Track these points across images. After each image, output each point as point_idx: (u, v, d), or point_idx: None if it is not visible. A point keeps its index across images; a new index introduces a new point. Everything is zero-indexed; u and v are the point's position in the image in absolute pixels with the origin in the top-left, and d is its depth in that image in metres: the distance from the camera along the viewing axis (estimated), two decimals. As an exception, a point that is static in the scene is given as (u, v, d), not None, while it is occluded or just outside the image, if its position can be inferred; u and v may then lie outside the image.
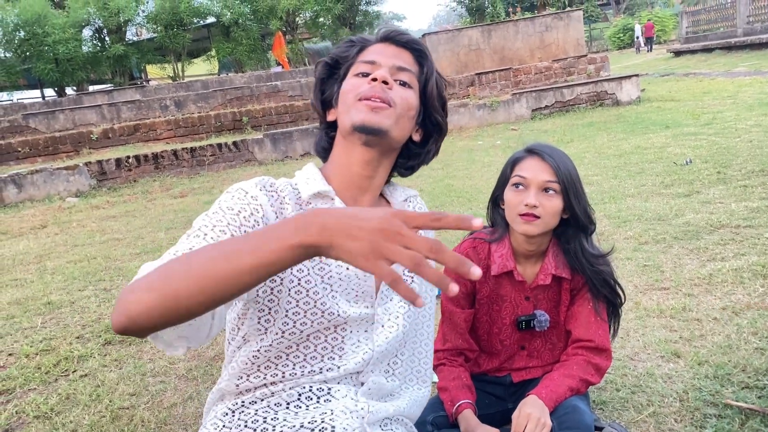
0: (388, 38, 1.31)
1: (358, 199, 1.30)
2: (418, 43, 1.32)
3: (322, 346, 1.23)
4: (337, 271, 1.24)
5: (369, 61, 1.27)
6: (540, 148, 1.73)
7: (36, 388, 2.80)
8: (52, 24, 20.07)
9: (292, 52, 23.69)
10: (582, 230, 1.75)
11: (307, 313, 1.20)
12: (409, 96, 1.26)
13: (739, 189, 4.55)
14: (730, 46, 17.73)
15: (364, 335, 1.27)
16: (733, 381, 2.14)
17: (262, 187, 1.21)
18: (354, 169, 1.27)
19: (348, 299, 1.25)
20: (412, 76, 1.29)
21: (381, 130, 1.21)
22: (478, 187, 6.01)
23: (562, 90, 11.13)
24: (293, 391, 1.21)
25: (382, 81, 1.22)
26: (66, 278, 4.54)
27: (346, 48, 1.33)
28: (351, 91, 1.24)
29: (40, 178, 8.82)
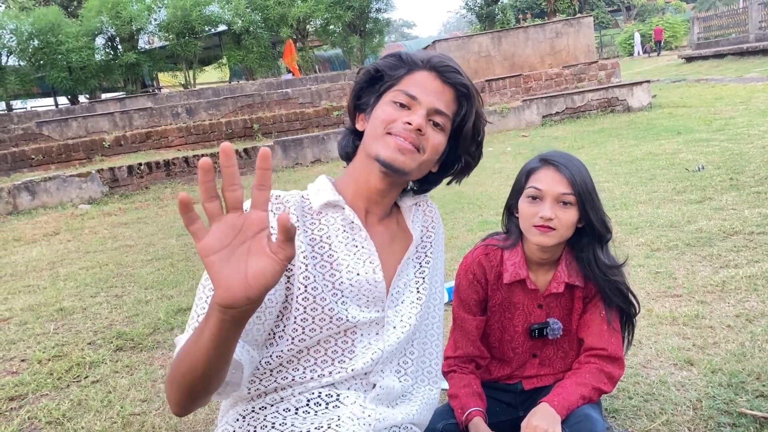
0: (437, 69, 1.28)
1: (370, 209, 1.32)
2: (464, 85, 1.30)
3: (332, 350, 1.25)
4: (347, 278, 1.25)
5: (410, 95, 1.26)
6: (555, 158, 1.71)
7: (48, 393, 2.82)
8: (66, 33, 20.25)
9: (302, 60, 23.78)
10: (598, 239, 1.74)
11: (316, 320, 1.22)
12: (439, 141, 1.28)
13: (752, 195, 4.51)
14: (742, 52, 17.63)
15: (375, 337, 1.28)
16: (747, 389, 2.12)
17: None
18: (370, 186, 1.29)
19: (359, 305, 1.27)
20: (447, 119, 1.29)
21: (403, 171, 1.24)
22: (489, 194, 6.00)
23: (572, 96, 11.10)
24: (302, 397, 1.22)
25: (416, 128, 1.23)
26: (78, 285, 4.57)
27: (394, 65, 1.31)
28: (385, 120, 1.25)
29: (53, 185, 8.90)
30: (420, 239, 1.39)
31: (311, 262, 1.23)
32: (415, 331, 1.36)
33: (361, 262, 1.27)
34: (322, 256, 1.25)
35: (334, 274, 1.24)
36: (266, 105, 12.91)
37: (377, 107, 1.29)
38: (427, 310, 1.41)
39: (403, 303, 1.33)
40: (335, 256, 1.26)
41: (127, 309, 3.88)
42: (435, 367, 1.47)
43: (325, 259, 1.25)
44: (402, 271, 1.34)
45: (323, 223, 1.28)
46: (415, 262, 1.39)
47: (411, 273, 1.36)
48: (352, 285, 1.25)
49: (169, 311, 3.69)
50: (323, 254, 1.26)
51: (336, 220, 1.29)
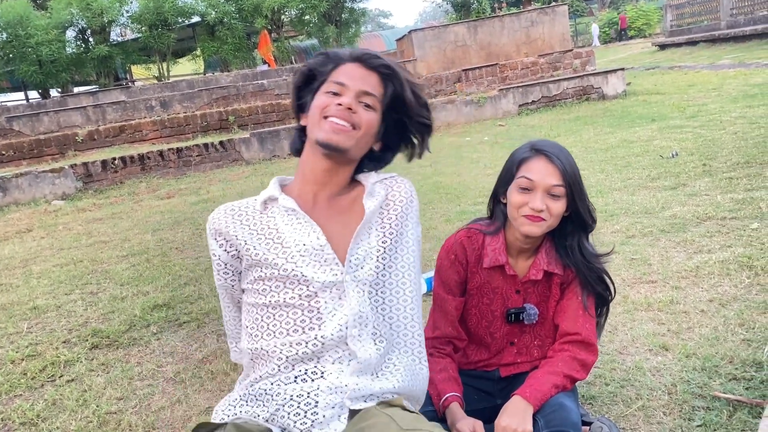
0: (360, 59, 1.49)
1: (319, 191, 1.51)
2: (387, 66, 1.50)
3: (300, 319, 1.40)
4: (296, 249, 1.44)
5: (339, 83, 1.46)
6: (546, 147, 1.71)
7: (22, 394, 2.77)
8: (35, 25, 19.84)
9: (278, 51, 23.56)
10: (582, 228, 1.75)
11: (275, 280, 1.43)
12: (371, 118, 1.47)
13: (724, 181, 4.58)
14: (714, 39, 17.84)
15: (338, 302, 1.42)
16: (720, 373, 2.15)
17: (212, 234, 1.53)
18: (317, 169, 1.49)
19: (314, 269, 1.42)
20: (376, 99, 1.48)
21: (340, 149, 1.44)
22: (466, 184, 6.01)
23: (548, 85, 11.15)
24: (291, 374, 1.38)
25: (347, 107, 1.43)
26: (52, 282, 4.49)
27: (323, 62, 1.53)
28: (319, 107, 1.45)
29: (24, 181, 8.73)
30: (376, 212, 1.51)
31: (257, 243, 1.46)
32: (377, 294, 1.48)
33: (306, 234, 1.45)
34: (271, 239, 1.46)
35: (285, 249, 1.44)
36: (242, 97, 12.78)
37: (314, 101, 1.49)
38: (393, 276, 1.52)
39: (363, 269, 1.46)
40: (283, 236, 1.45)
41: (102, 306, 3.82)
42: (416, 338, 1.56)
43: (274, 240, 1.45)
44: (360, 240, 1.47)
45: (269, 215, 1.49)
46: (379, 232, 1.51)
47: (374, 242, 1.49)
48: (302, 254, 1.43)
49: (145, 308, 3.65)
50: (272, 237, 1.46)
51: (279, 210, 1.49)
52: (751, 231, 3.50)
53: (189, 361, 2.92)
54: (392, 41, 26.63)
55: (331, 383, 1.36)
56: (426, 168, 7.14)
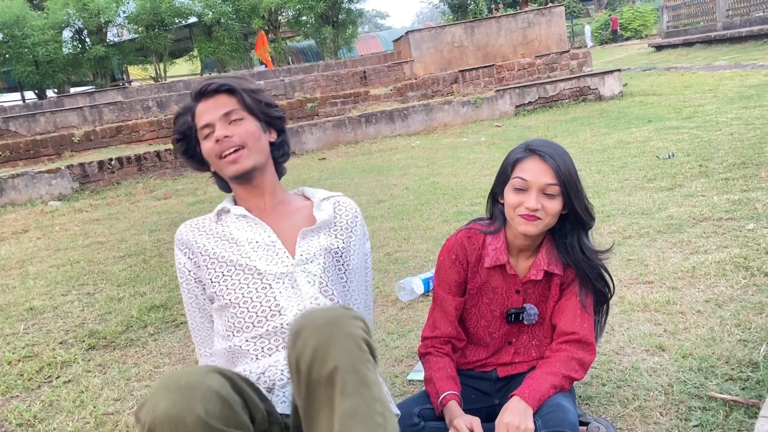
0: (201, 95, 1.63)
1: (259, 203, 1.68)
2: (223, 84, 1.63)
3: (261, 309, 1.53)
4: (250, 247, 1.59)
5: (204, 125, 1.61)
6: (540, 147, 1.72)
7: (18, 395, 2.76)
8: (31, 26, 19.82)
9: (275, 51, 23.57)
10: (581, 226, 1.76)
11: (232, 276, 1.57)
12: (246, 126, 1.61)
13: (720, 182, 4.59)
14: (711, 40, 17.89)
15: (293, 291, 1.55)
16: (717, 373, 2.16)
17: (177, 246, 1.67)
18: (245, 193, 1.68)
19: (267, 262, 1.57)
20: (238, 110, 1.61)
21: (249, 170, 1.60)
22: (463, 184, 6.02)
23: (545, 86, 11.17)
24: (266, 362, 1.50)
25: (223, 137, 1.57)
26: (48, 283, 4.49)
27: (183, 121, 1.68)
28: (209, 155, 1.62)
29: (21, 182, 8.71)
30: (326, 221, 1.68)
31: (214, 246, 1.62)
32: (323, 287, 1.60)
33: (257, 233, 1.62)
34: (226, 240, 1.63)
35: (239, 247, 1.60)
36: (239, 97, 12.76)
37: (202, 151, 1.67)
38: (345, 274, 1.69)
39: (312, 263, 1.60)
40: (236, 236, 1.62)
41: (99, 307, 3.82)
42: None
43: (229, 241, 1.62)
44: (310, 239, 1.63)
45: (223, 223, 1.67)
46: (327, 236, 1.67)
47: (323, 241, 1.65)
48: (254, 250, 1.59)
49: (142, 308, 3.64)
50: (226, 239, 1.63)
51: (231, 218, 1.67)
52: (747, 232, 3.51)
53: (186, 362, 2.92)
54: (389, 42, 26.64)
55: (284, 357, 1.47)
56: (423, 168, 7.15)
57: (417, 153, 8.58)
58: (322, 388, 1.16)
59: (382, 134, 10.63)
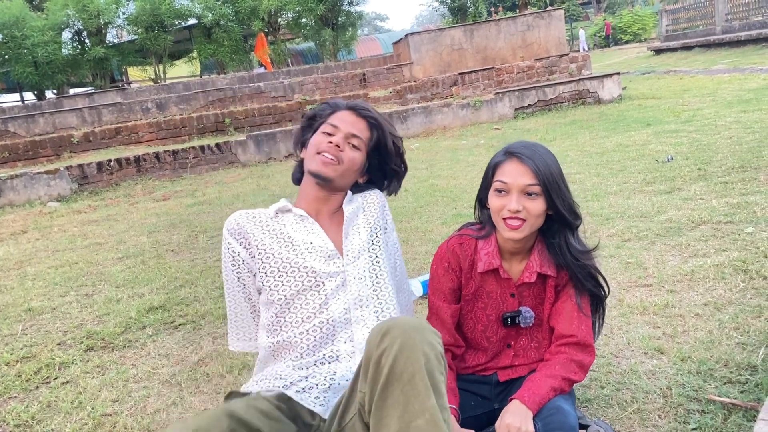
0: (353, 108, 1.83)
1: (319, 211, 1.80)
2: (374, 118, 1.83)
3: (311, 306, 1.63)
4: (305, 247, 1.70)
5: (333, 125, 1.78)
6: (518, 149, 1.73)
7: (16, 396, 2.76)
8: (31, 27, 19.80)
9: (274, 53, 23.57)
10: (567, 226, 1.76)
11: (288, 273, 1.66)
12: (355, 156, 1.79)
13: (719, 185, 4.59)
14: (710, 44, 17.92)
15: (342, 288, 1.66)
16: (715, 376, 2.16)
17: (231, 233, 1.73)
18: (311, 196, 1.80)
19: (321, 261, 1.68)
20: (362, 141, 1.80)
21: (328, 179, 1.74)
22: (462, 187, 6.02)
23: (544, 89, 11.18)
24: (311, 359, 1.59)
25: (336, 145, 1.74)
26: (47, 284, 4.48)
27: (323, 108, 1.86)
28: (315, 145, 1.77)
29: (20, 182, 8.71)
30: (355, 213, 1.82)
31: (272, 240, 1.71)
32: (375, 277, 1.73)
33: (314, 235, 1.73)
34: (283, 239, 1.72)
35: (296, 247, 1.70)
36: (238, 99, 12.77)
37: (312, 138, 1.81)
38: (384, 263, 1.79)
39: (360, 259, 1.73)
40: (293, 237, 1.73)
41: (97, 308, 3.81)
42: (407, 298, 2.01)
43: (285, 240, 1.72)
44: (353, 237, 1.76)
45: (280, 222, 1.77)
46: (366, 227, 1.80)
47: (364, 236, 1.78)
48: (309, 251, 1.69)
49: (140, 310, 3.64)
50: (283, 238, 1.72)
51: (289, 218, 1.77)
52: (745, 235, 3.51)
53: (184, 363, 2.91)
54: (389, 44, 26.68)
55: (345, 367, 1.56)
56: (422, 171, 7.15)
57: (416, 155, 8.58)
58: (403, 385, 1.25)
59: (382, 136, 10.62)
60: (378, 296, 1.70)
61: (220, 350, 2.98)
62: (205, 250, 4.98)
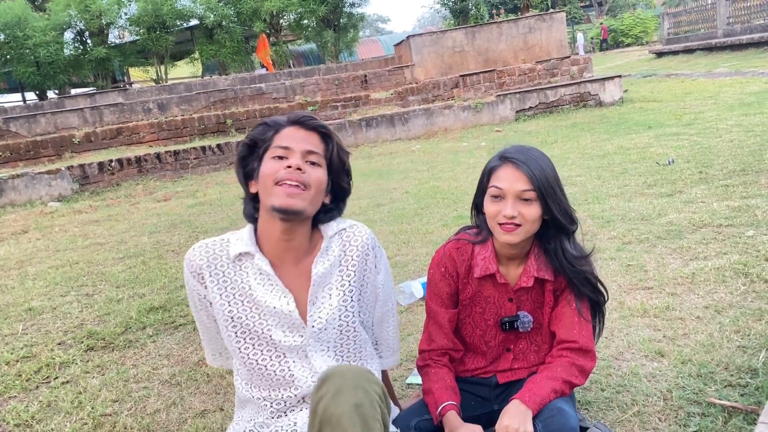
0: (298, 122, 1.58)
1: (283, 257, 1.58)
2: (324, 126, 1.60)
3: (276, 377, 1.55)
4: (267, 310, 1.54)
5: (283, 147, 1.53)
6: (513, 155, 1.72)
7: (17, 395, 2.76)
8: (33, 27, 19.83)
9: (276, 54, 23.58)
10: (562, 231, 1.75)
11: (247, 340, 1.56)
12: (319, 174, 1.55)
13: (720, 188, 4.59)
14: (711, 47, 17.92)
15: (306, 361, 1.56)
16: (716, 379, 2.16)
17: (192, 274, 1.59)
18: (275, 236, 1.55)
19: (282, 330, 1.55)
20: (320, 156, 1.56)
21: (298, 212, 1.49)
22: (463, 189, 6.02)
23: (545, 91, 11.19)
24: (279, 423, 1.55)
25: (296, 168, 1.48)
26: (48, 284, 4.48)
27: (263, 131, 1.60)
28: (269, 175, 1.50)
29: (21, 182, 8.71)
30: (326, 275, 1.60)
31: (231, 299, 1.56)
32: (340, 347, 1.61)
33: (277, 298, 1.54)
34: (243, 294, 1.56)
35: (257, 306, 1.54)
36: (239, 100, 12.78)
37: (261, 168, 1.54)
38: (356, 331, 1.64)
39: (327, 330, 1.58)
40: (254, 295, 1.55)
41: (98, 308, 3.81)
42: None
43: (246, 296, 1.55)
44: (322, 303, 1.58)
45: (242, 269, 1.58)
46: (339, 291, 1.61)
47: (335, 302, 1.59)
48: (271, 315, 1.54)
49: (141, 310, 3.64)
50: (244, 292, 1.56)
51: (252, 267, 1.57)
52: (746, 238, 3.51)
53: (185, 363, 2.91)
54: (390, 46, 26.71)
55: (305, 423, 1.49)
56: (423, 172, 7.15)
57: (417, 157, 8.58)
58: (332, 427, 1.28)
59: (383, 138, 10.64)
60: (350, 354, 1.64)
61: (220, 351, 2.98)
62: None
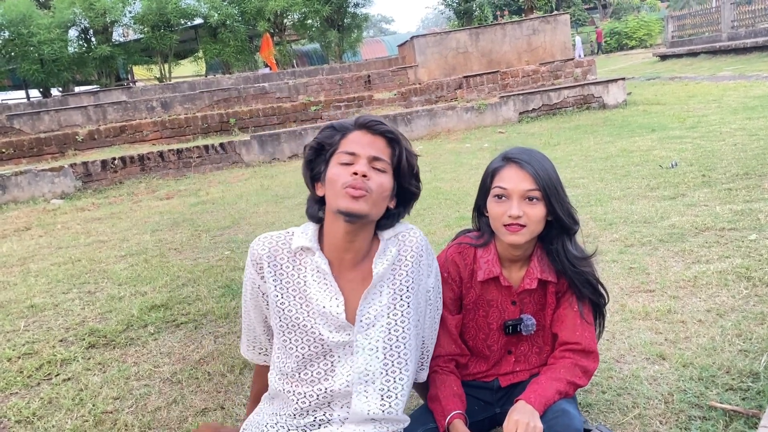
0: (365, 126, 1.58)
1: (342, 258, 1.60)
2: (391, 131, 1.60)
3: (317, 371, 1.57)
4: (317, 309, 1.56)
5: (350, 152, 1.54)
6: (517, 155, 1.72)
7: (18, 392, 2.76)
8: (38, 24, 19.87)
9: (280, 54, 23.60)
10: (565, 231, 1.75)
11: (295, 335, 1.58)
12: (384, 181, 1.56)
13: (723, 192, 4.59)
14: (715, 51, 17.90)
15: (351, 358, 1.57)
16: (717, 383, 2.15)
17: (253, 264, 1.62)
18: (338, 236, 1.57)
19: (329, 330, 1.56)
20: (386, 163, 1.57)
21: (361, 215, 1.51)
22: (466, 190, 6.02)
23: (549, 93, 11.18)
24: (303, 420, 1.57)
25: (362, 174, 1.50)
26: (50, 281, 4.49)
27: (330, 134, 1.61)
28: (336, 180, 1.52)
29: (24, 179, 8.74)
30: (385, 274, 1.61)
31: (284, 292, 1.60)
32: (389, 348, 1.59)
33: (329, 298, 1.56)
34: (297, 289, 1.60)
35: (308, 303, 1.57)
36: (243, 99, 12.80)
37: (328, 172, 1.56)
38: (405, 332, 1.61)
39: (374, 327, 1.58)
40: (308, 291, 1.58)
41: (99, 305, 3.82)
42: None
43: (300, 292, 1.59)
44: (371, 301, 1.59)
45: (301, 263, 1.61)
46: (390, 289, 1.61)
47: (385, 300, 1.60)
48: (320, 314, 1.56)
49: (142, 308, 3.65)
50: (298, 287, 1.60)
51: (311, 263, 1.60)
52: (749, 242, 3.51)
53: (186, 361, 2.92)
54: (394, 47, 26.69)
55: None
56: (426, 173, 7.15)
57: (420, 158, 8.56)
58: None
59: (386, 138, 10.63)
60: (387, 372, 1.59)
61: (221, 349, 2.99)
62: (207, 250, 4.98)
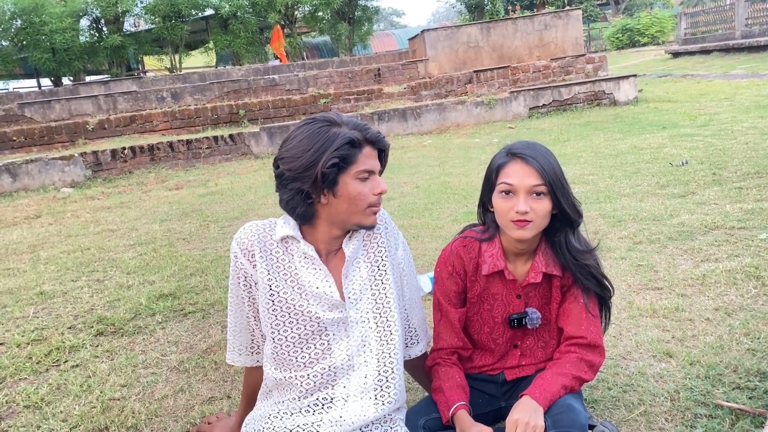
0: (372, 143, 1.63)
1: (329, 248, 1.67)
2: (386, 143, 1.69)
3: (314, 352, 1.63)
4: (310, 290, 1.63)
5: (367, 170, 1.60)
6: (522, 150, 1.71)
7: (27, 377, 2.79)
8: (50, 13, 19.91)
9: (290, 46, 23.55)
10: (569, 224, 1.75)
11: (290, 317, 1.63)
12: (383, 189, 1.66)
13: (734, 191, 4.56)
14: (728, 48, 17.74)
15: (345, 334, 1.65)
16: (724, 381, 2.15)
17: (242, 252, 1.66)
18: (332, 238, 1.66)
19: (323, 309, 1.63)
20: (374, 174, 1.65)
21: (373, 227, 1.67)
22: (474, 185, 6.00)
23: (559, 89, 11.12)
24: (306, 401, 1.62)
25: (381, 192, 1.62)
26: (59, 268, 4.52)
27: (349, 150, 1.58)
28: (361, 199, 1.59)
29: (34, 167, 8.78)
30: (356, 253, 1.71)
31: (277, 276, 1.64)
32: (378, 316, 1.68)
33: (320, 280, 1.64)
34: (288, 273, 1.65)
35: (301, 286, 1.64)
36: (253, 91, 12.80)
37: (349, 188, 1.58)
38: (389, 298, 1.71)
39: (362, 301, 1.67)
40: (299, 274, 1.65)
41: (108, 294, 3.84)
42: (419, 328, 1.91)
43: (291, 275, 1.64)
44: (349, 275, 1.68)
45: (288, 251, 1.67)
46: (366, 263, 1.71)
47: (365, 272, 1.70)
48: (314, 295, 1.63)
49: (150, 296, 3.67)
50: (289, 272, 1.65)
51: (297, 250, 1.66)
52: (759, 241, 3.49)
53: (193, 350, 2.94)
54: (404, 40, 26.59)
55: (332, 417, 1.58)
56: (434, 168, 7.14)
57: (428, 152, 8.57)
58: None
59: (395, 132, 10.63)
60: (381, 337, 1.67)
61: (228, 339, 3.00)
62: (216, 240, 5.00)
